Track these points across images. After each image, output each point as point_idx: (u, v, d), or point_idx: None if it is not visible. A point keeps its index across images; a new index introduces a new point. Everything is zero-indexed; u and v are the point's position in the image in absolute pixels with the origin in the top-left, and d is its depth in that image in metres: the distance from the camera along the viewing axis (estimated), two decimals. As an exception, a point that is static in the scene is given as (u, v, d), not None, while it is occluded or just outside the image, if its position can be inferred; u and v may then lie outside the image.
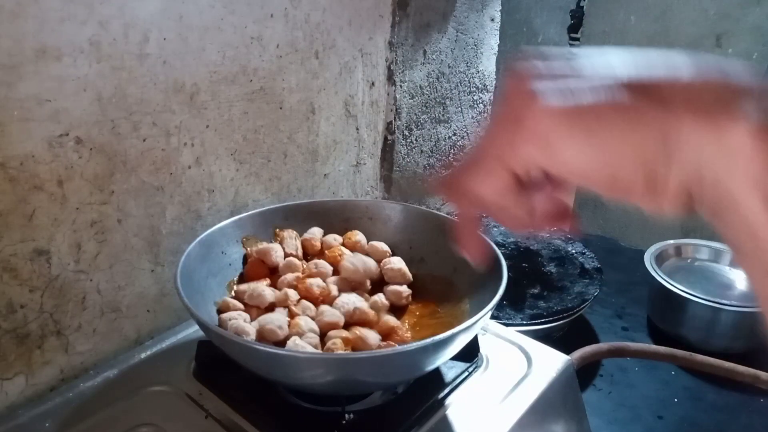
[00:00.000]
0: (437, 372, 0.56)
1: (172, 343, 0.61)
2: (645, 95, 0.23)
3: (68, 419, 0.51)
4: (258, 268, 0.58)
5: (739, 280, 0.89)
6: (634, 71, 0.24)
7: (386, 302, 0.56)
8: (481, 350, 0.59)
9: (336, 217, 0.66)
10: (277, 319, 0.50)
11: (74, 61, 0.50)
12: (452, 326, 0.44)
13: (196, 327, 0.57)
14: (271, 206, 0.64)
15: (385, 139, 0.88)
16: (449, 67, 0.94)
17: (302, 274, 0.57)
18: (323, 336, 0.50)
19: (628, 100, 0.23)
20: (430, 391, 0.54)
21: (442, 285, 0.60)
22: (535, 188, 0.28)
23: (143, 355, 0.59)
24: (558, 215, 0.30)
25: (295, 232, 0.63)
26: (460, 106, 1.00)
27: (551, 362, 0.59)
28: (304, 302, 0.53)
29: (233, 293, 0.57)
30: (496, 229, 0.93)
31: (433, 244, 0.62)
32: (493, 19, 1.00)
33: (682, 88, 0.23)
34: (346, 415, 0.50)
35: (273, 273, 0.59)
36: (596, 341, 0.83)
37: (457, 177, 0.29)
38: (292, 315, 0.52)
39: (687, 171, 0.23)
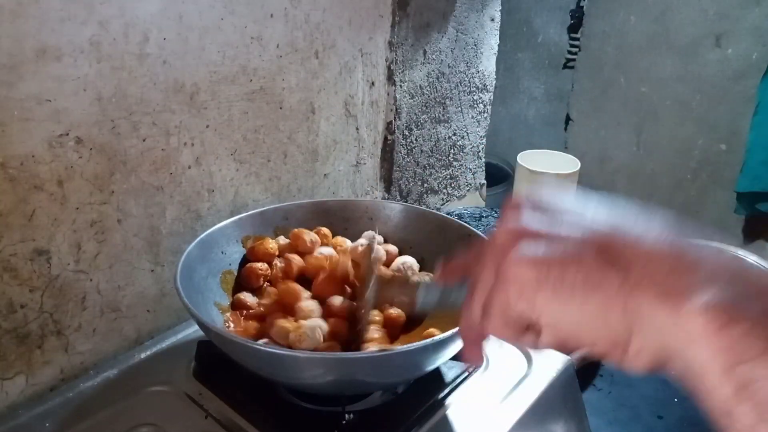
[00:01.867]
0: (437, 372, 0.56)
1: (172, 343, 0.61)
2: (609, 259, 0.26)
3: (68, 419, 0.51)
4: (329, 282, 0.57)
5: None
6: (606, 227, 0.27)
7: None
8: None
9: (336, 217, 0.66)
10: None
11: (74, 61, 0.50)
12: (452, 326, 0.44)
13: (196, 327, 0.57)
14: (271, 206, 0.64)
15: (385, 139, 0.88)
16: (449, 67, 0.94)
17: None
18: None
19: (594, 262, 0.26)
20: (430, 391, 0.54)
21: (442, 285, 0.60)
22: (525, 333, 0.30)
23: (143, 355, 0.59)
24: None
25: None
26: (460, 106, 1.00)
27: (551, 362, 0.59)
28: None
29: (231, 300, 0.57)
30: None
31: (433, 244, 0.62)
32: (493, 19, 1.00)
33: (643, 256, 0.25)
34: (346, 415, 0.50)
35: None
36: (596, 341, 0.83)
37: (467, 320, 0.33)
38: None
39: (649, 340, 0.25)
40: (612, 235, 0.27)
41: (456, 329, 0.44)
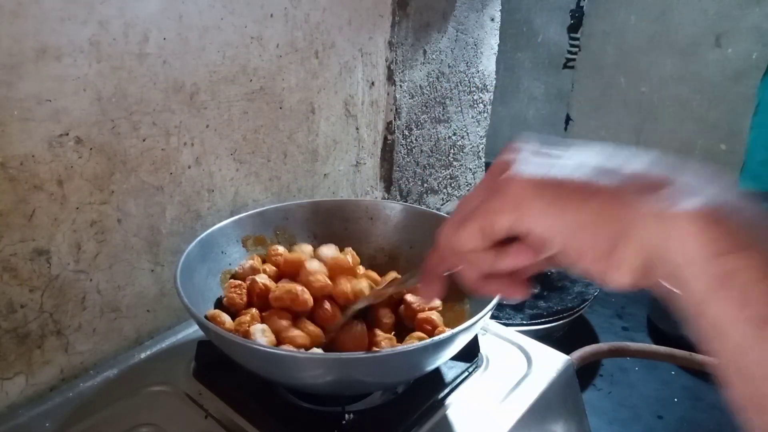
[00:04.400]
0: (437, 372, 0.56)
1: (172, 343, 0.61)
2: (603, 175, 0.27)
3: (68, 419, 0.51)
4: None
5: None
6: (604, 159, 0.28)
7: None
8: (481, 350, 0.59)
9: (336, 217, 0.66)
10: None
11: (74, 61, 0.50)
12: (452, 326, 0.44)
13: (196, 327, 0.57)
14: (271, 206, 0.64)
15: (385, 138, 0.88)
16: (449, 66, 0.94)
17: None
18: None
19: (588, 178, 0.27)
20: (430, 391, 0.54)
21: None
22: (504, 253, 0.31)
23: (143, 355, 0.59)
24: (514, 281, 0.33)
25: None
26: (460, 106, 1.00)
27: (551, 362, 0.59)
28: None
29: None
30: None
31: (433, 244, 0.62)
32: (493, 19, 1.00)
33: (636, 172, 0.27)
34: (346, 415, 0.50)
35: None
36: (596, 341, 0.83)
37: (444, 230, 0.33)
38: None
39: (634, 248, 0.25)
40: (607, 161, 0.28)
41: (456, 329, 0.44)
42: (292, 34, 0.68)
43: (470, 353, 0.56)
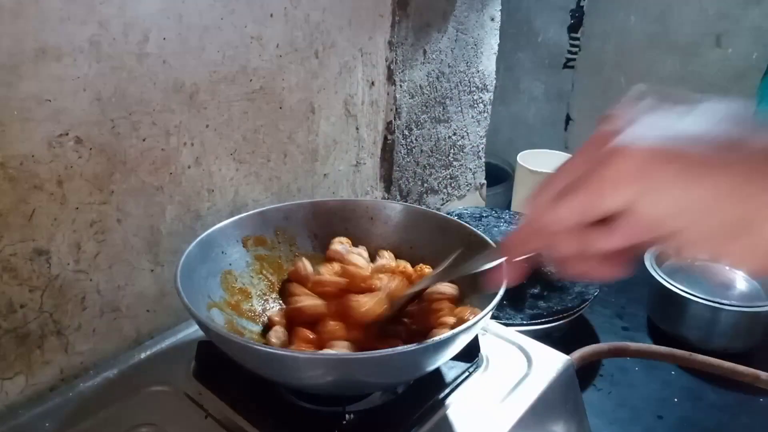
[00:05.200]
0: (437, 372, 0.56)
1: (172, 343, 0.61)
2: (736, 147, 0.23)
3: (68, 419, 0.51)
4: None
5: (739, 280, 0.89)
6: (730, 127, 0.24)
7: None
8: (482, 350, 0.59)
9: (336, 217, 0.66)
10: None
11: (74, 60, 0.50)
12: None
13: (196, 327, 0.56)
14: (271, 206, 0.64)
15: (385, 138, 0.88)
16: (449, 66, 0.94)
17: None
18: None
19: (711, 147, 0.23)
20: (430, 391, 0.54)
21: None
22: (608, 232, 0.27)
23: (143, 355, 0.59)
24: (615, 262, 0.29)
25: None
26: (460, 106, 1.00)
27: (551, 362, 0.59)
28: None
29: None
30: (495, 229, 0.93)
31: (434, 244, 0.62)
32: (493, 19, 1.00)
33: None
34: (347, 415, 0.50)
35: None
36: (596, 341, 0.83)
37: (536, 204, 0.28)
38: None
39: None
40: (734, 129, 0.24)
41: (456, 330, 0.44)
42: (292, 34, 0.68)
43: (470, 353, 0.56)
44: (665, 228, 0.25)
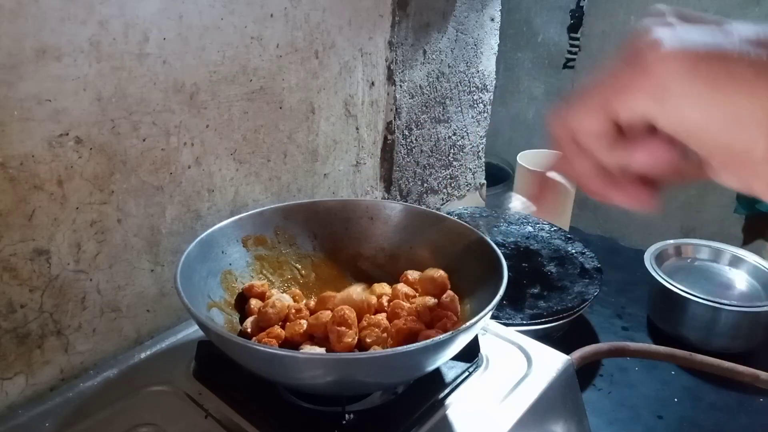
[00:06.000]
0: (437, 372, 0.56)
1: (172, 343, 0.61)
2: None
3: (68, 419, 0.51)
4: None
5: (739, 280, 0.89)
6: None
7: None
8: (481, 350, 0.59)
9: (336, 217, 0.66)
10: None
11: (74, 60, 0.50)
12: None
13: (196, 327, 0.56)
14: (271, 206, 0.64)
15: (385, 138, 0.88)
16: (449, 66, 0.94)
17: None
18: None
19: (749, 56, 0.21)
20: (430, 391, 0.54)
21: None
22: (633, 146, 0.25)
23: (143, 355, 0.59)
24: (644, 184, 0.27)
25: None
26: (460, 106, 1.00)
27: (551, 362, 0.59)
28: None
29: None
30: (495, 229, 0.93)
31: (433, 244, 0.62)
32: (493, 19, 1.00)
33: None
34: (347, 415, 0.50)
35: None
36: (596, 341, 0.83)
37: (564, 111, 0.27)
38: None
39: None
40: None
41: (456, 330, 0.44)
42: (292, 34, 0.68)
43: (470, 353, 0.56)
44: (691, 146, 0.23)
